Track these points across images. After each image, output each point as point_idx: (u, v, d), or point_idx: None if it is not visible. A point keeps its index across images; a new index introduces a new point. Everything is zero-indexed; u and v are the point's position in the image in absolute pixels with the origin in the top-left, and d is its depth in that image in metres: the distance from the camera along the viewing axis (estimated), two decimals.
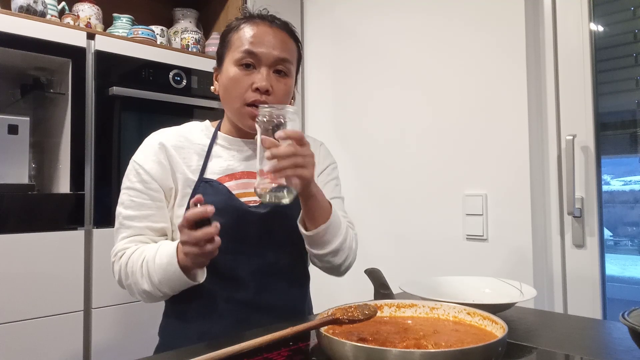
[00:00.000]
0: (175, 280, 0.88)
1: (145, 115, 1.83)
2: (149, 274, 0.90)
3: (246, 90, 0.96)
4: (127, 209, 0.98)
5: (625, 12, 1.57)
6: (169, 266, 0.88)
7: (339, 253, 0.97)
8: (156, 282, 0.89)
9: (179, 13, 2.22)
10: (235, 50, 0.98)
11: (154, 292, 0.91)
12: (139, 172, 0.99)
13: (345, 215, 1.08)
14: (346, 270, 1.03)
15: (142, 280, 0.91)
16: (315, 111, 2.28)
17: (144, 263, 0.91)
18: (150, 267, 0.90)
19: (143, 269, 0.91)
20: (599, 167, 1.51)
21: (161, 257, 0.89)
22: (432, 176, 1.80)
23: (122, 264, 0.95)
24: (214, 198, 0.92)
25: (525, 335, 0.84)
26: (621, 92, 1.57)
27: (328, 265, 1.00)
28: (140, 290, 0.93)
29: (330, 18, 2.22)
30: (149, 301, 0.96)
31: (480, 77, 1.68)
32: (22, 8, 1.58)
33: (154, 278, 0.90)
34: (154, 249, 0.91)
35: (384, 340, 0.67)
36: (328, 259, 0.97)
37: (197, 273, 0.90)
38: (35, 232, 1.51)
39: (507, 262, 1.59)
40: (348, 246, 0.99)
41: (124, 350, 1.64)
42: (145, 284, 0.91)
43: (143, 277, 0.91)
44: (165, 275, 0.88)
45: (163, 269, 0.88)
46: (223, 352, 0.64)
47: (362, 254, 2.03)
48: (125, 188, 1.00)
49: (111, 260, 0.98)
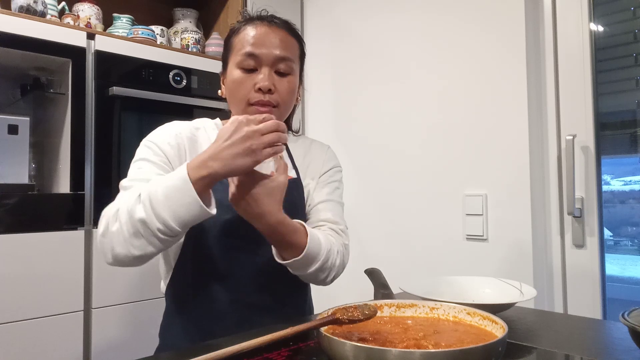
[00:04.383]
0: (183, 201, 0.76)
1: (145, 115, 1.83)
2: (149, 196, 0.78)
3: (249, 92, 0.96)
4: (131, 177, 0.92)
5: (625, 12, 1.57)
6: (179, 181, 0.76)
7: (318, 273, 0.94)
8: (157, 203, 0.77)
9: (179, 13, 2.22)
10: (236, 53, 0.99)
11: (149, 221, 0.77)
12: (150, 147, 0.96)
13: (338, 222, 1.05)
14: (330, 282, 1.00)
15: (137, 207, 0.78)
16: (315, 111, 2.28)
17: (142, 191, 0.80)
18: (152, 188, 0.78)
19: (142, 198, 0.78)
20: (599, 167, 1.51)
21: (167, 177, 0.79)
22: (432, 176, 1.80)
23: (111, 212, 0.83)
24: (222, 194, 0.92)
25: (525, 335, 0.84)
26: (621, 92, 1.57)
27: (306, 280, 0.99)
28: (134, 221, 0.78)
29: (330, 18, 2.22)
30: (135, 250, 0.80)
31: (480, 77, 1.68)
32: (22, 8, 1.58)
33: (154, 198, 0.77)
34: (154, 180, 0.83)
35: (384, 340, 0.67)
36: (306, 278, 0.96)
37: (209, 201, 0.80)
38: (35, 232, 1.51)
39: (507, 262, 1.59)
40: (330, 265, 0.95)
41: (124, 350, 1.64)
42: (140, 211, 0.78)
43: (140, 204, 0.78)
44: (172, 193, 0.76)
45: (169, 186, 0.77)
46: (223, 352, 0.64)
47: (362, 254, 2.03)
48: (135, 161, 0.95)
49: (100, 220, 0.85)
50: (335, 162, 1.15)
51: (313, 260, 0.91)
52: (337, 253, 0.98)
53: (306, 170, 1.10)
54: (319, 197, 1.07)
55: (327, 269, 0.95)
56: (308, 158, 1.12)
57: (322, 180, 1.10)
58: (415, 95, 1.86)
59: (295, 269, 0.92)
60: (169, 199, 0.77)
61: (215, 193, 0.94)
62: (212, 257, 0.96)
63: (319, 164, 1.11)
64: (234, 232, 0.96)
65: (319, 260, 0.92)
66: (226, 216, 0.94)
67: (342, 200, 1.13)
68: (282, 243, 0.87)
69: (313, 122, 2.28)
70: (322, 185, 1.09)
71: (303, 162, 1.11)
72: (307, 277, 0.95)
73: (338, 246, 0.99)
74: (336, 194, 1.11)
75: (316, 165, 1.11)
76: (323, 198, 1.07)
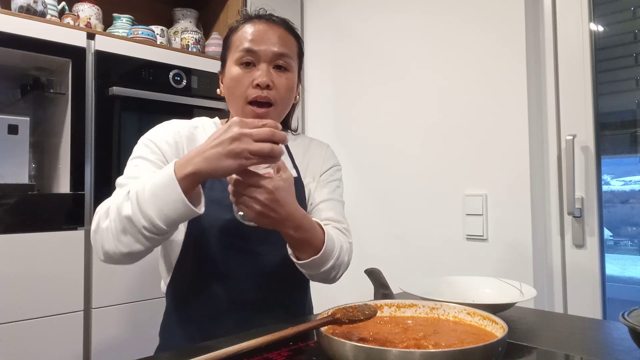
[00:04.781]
0: (169, 198, 0.75)
1: (145, 115, 1.83)
2: (136, 193, 0.77)
3: (247, 88, 0.97)
4: (127, 174, 0.91)
5: (625, 12, 1.57)
6: (165, 178, 0.75)
7: (330, 271, 0.94)
8: (143, 200, 0.76)
9: (179, 13, 2.22)
10: (235, 51, 0.99)
11: (135, 218, 0.77)
12: (148, 145, 0.96)
13: (341, 220, 1.06)
14: (337, 280, 1.00)
15: (124, 205, 0.78)
16: (315, 110, 2.28)
17: (131, 188, 0.80)
18: (140, 185, 0.78)
19: (130, 195, 0.79)
20: (599, 167, 1.51)
21: (155, 174, 0.79)
22: (432, 176, 1.80)
23: (103, 209, 0.83)
24: (222, 194, 0.92)
25: (525, 335, 0.84)
26: (621, 92, 1.57)
27: (314, 279, 0.99)
28: (121, 218, 0.78)
29: (330, 17, 2.22)
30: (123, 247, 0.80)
31: (480, 77, 1.68)
32: (22, 8, 1.58)
33: (141, 195, 0.77)
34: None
35: (384, 340, 0.67)
36: (315, 277, 0.96)
37: (198, 200, 0.79)
38: (35, 232, 1.51)
39: (507, 262, 1.59)
40: (340, 263, 0.96)
41: (124, 350, 1.64)
42: (127, 208, 0.77)
43: (128, 201, 0.78)
44: (159, 190, 0.75)
45: (156, 183, 0.76)
46: (223, 352, 0.64)
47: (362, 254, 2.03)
48: (131, 159, 0.95)
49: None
50: (335, 161, 1.15)
51: (328, 258, 0.91)
52: (345, 251, 0.98)
53: (306, 169, 1.10)
54: (320, 197, 1.07)
55: (337, 267, 0.96)
56: (307, 157, 1.12)
57: (323, 179, 1.10)
58: (416, 95, 1.86)
59: (309, 268, 0.91)
60: (155, 196, 0.76)
61: (214, 192, 0.94)
62: (213, 257, 0.96)
63: (318, 163, 1.11)
64: (234, 232, 0.95)
65: (332, 258, 0.92)
66: (226, 216, 0.94)
67: (342, 199, 1.13)
68: (304, 242, 0.86)
69: (313, 122, 2.28)
70: (323, 185, 1.09)
71: (302, 160, 1.11)
72: (316, 276, 0.95)
73: (345, 244, 1.00)
74: (337, 192, 1.11)
75: (316, 164, 1.11)
76: (324, 197, 1.06)
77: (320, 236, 0.89)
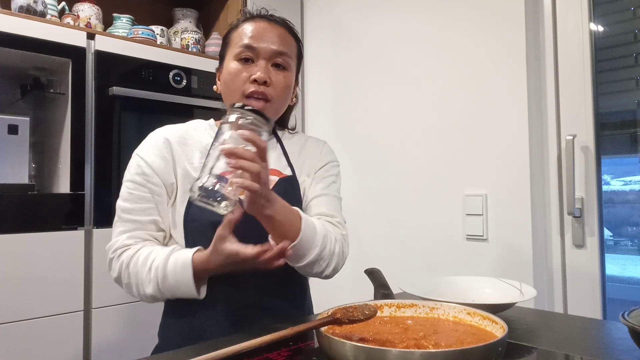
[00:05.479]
0: (182, 287, 0.90)
1: (145, 115, 1.83)
2: (157, 280, 0.91)
3: (244, 83, 0.97)
4: (125, 202, 0.97)
5: (625, 12, 1.57)
6: (183, 274, 0.89)
7: (316, 263, 0.94)
8: (163, 288, 0.91)
9: (179, 13, 2.22)
10: (234, 46, 1.00)
11: (157, 296, 0.93)
12: (140, 165, 0.98)
13: (334, 215, 1.05)
14: (332, 275, 1.00)
15: (148, 285, 0.92)
16: (315, 111, 2.28)
17: (153, 268, 0.91)
18: (160, 273, 0.90)
19: (152, 274, 0.91)
20: (599, 167, 1.51)
21: (175, 265, 0.90)
22: (432, 176, 1.80)
23: (123, 263, 0.94)
24: None
25: (525, 335, 0.84)
26: (621, 92, 1.57)
27: (308, 274, 0.99)
28: (142, 293, 0.94)
29: (330, 18, 2.22)
30: (147, 302, 0.97)
31: (480, 77, 1.68)
32: (22, 8, 1.58)
33: (162, 284, 0.90)
34: (165, 255, 0.91)
35: (384, 340, 0.67)
36: (305, 270, 0.96)
37: (202, 287, 0.92)
38: (35, 232, 1.51)
39: (507, 262, 1.59)
40: (329, 254, 0.95)
41: (124, 350, 1.64)
42: (150, 288, 0.92)
43: (150, 283, 0.91)
44: (175, 283, 0.90)
45: (175, 276, 0.90)
46: (223, 352, 0.64)
47: (362, 254, 2.02)
48: (126, 181, 0.99)
49: (109, 257, 0.97)
50: (332, 157, 1.14)
51: (309, 247, 0.91)
52: (335, 240, 0.98)
53: (301, 167, 1.09)
54: (313, 193, 1.06)
55: (327, 258, 0.95)
56: (303, 155, 1.11)
57: (318, 175, 1.09)
58: (416, 95, 1.86)
59: (293, 258, 0.91)
60: (173, 290, 0.91)
61: None
62: None
63: (314, 160, 1.11)
64: (233, 231, 0.95)
65: (316, 246, 0.92)
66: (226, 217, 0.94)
67: (339, 195, 1.11)
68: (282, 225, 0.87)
69: (313, 122, 2.28)
70: (318, 181, 1.08)
71: (298, 158, 1.10)
72: (306, 268, 0.95)
73: (335, 234, 0.99)
74: (332, 188, 1.10)
75: (312, 162, 1.10)
76: (317, 193, 1.06)
77: (296, 221, 0.89)
